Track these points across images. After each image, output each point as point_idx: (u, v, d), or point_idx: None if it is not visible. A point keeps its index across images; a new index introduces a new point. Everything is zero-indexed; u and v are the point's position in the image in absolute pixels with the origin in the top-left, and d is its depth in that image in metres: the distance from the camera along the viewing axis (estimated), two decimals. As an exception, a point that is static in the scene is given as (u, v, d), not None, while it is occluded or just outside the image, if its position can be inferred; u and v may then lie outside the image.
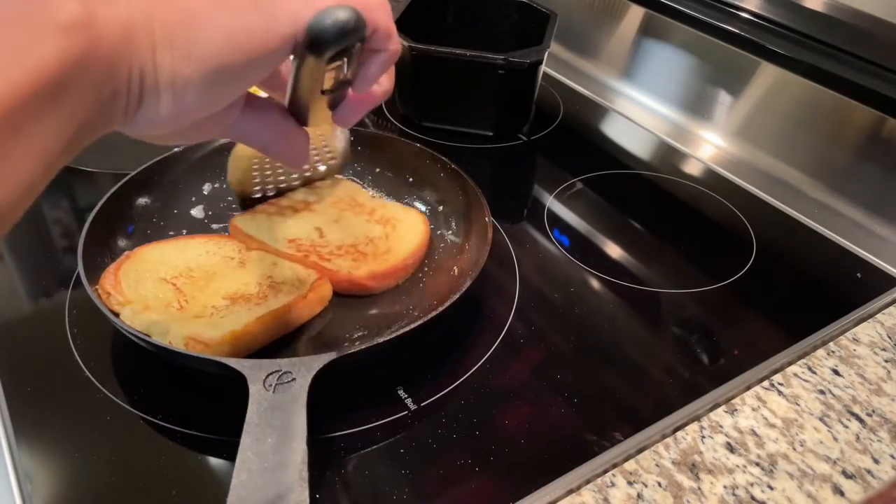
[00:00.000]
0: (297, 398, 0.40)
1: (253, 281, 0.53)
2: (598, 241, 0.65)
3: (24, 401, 0.46)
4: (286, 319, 0.50)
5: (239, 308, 0.50)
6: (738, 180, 0.74)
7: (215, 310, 0.49)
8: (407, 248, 0.57)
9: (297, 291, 0.52)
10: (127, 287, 0.50)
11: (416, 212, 0.62)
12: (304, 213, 0.60)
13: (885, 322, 0.57)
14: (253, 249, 0.56)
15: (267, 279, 0.53)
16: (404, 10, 0.79)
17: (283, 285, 0.53)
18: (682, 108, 0.85)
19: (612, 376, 0.51)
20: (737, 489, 0.43)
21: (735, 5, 0.82)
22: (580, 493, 0.42)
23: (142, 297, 0.50)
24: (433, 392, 0.48)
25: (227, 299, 0.51)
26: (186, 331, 0.46)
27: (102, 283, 0.50)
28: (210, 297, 0.51)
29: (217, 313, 0.49)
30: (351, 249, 0.57)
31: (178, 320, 0.48)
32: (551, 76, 0.92)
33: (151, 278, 0.51)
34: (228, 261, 0.55)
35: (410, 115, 0.80)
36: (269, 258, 0.55)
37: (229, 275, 0.53)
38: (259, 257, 0.55)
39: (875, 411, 0.49)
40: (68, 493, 0.42)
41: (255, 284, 0.52)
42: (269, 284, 0.52)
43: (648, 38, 0.91)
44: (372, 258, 0.56)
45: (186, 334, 0.46)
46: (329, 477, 0.43)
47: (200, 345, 0.46)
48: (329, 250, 0.57)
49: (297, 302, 0.51)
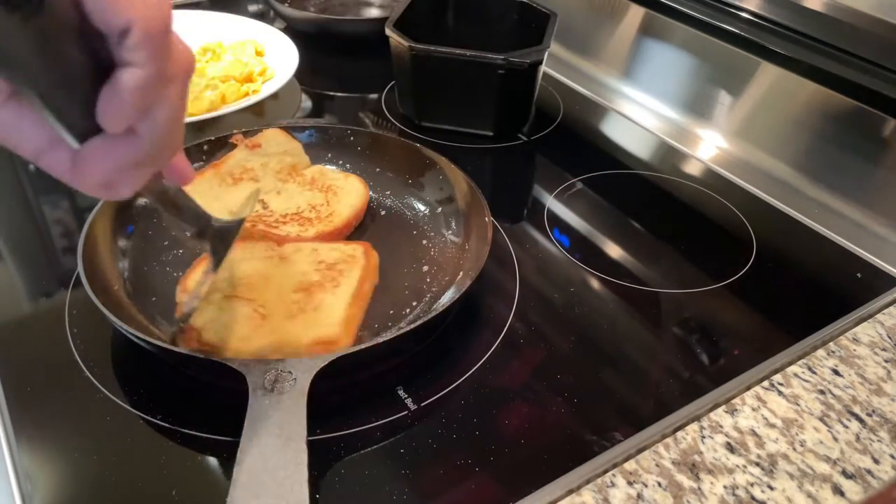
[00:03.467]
0: (297, 398, 0.40)
1: (309, 269, 0.53)
2: (598, 241, 0.65)
3: (24, 401, 0.46)
4: (365, 291, 0.52)
5: (320, 298, 0.50)
6: (738, 180, 0.74)
7: (297, 306, 0.49)
8: (349, 210, 0.60)
9: (357, 265, 0.53)
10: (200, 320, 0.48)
11: (356, 178, 0.64)
12: (246, 183, 0.61)
13: (885, 322, 0.57)
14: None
15: (320, 264, 0.54)
16: (404, 9, 0.79)
17: (338, 265, 0.53)
18: (682, 108, 0.85)
19: (612, 376, 0.51)
20: (737, 489, 0.43)
21: (735, 5, 0.82)
22: (580, 493, 0.42)
23: (216, 320, 0.48)
24: (433, 392, 0.48)
25: (298, 292, 0.51)
26: (306, 338, 0.47)
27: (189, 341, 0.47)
28: (280, 296, 0.50)
29: (304, 310, 0.49)
30: (296, 217, 0.59)
31: (277, 331, 0.47)
32: (551, 76, 0.92)
33: (213, 300, 0.50)
34: (269, 260, 0.54)
35: (410, 115, 0.80)
36: (303, 246, 0.56)
37: (281, 271, 0.53)
38: (295, 248, 0.55)
39: (875, 411, 0.49)
40: (68, 493, 0.42)
41: (314, 272, 0.53)
42: (326, 267, 0.53)
43: (648, 38, 0.91)
44: (317, 221, 0.59)
45: (308, 342, 0.46)
46: (329, 477, 0.43)
47: (323, 345, 0.46)
48: (274, 219, 0.59)
49: (366, 275, 0.53)
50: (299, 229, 0.58)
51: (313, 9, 1.04)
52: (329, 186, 0.62)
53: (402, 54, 0.74)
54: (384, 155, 0.67)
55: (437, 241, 0.60)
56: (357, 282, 0.52)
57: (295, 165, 0.64)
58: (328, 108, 0.86)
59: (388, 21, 0.76)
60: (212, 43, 0.87)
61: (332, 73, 0.93)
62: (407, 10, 0.79)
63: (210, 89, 0.77)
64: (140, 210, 0.59)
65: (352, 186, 0.63)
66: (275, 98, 0.80)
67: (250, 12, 1.05)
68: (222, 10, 0.94)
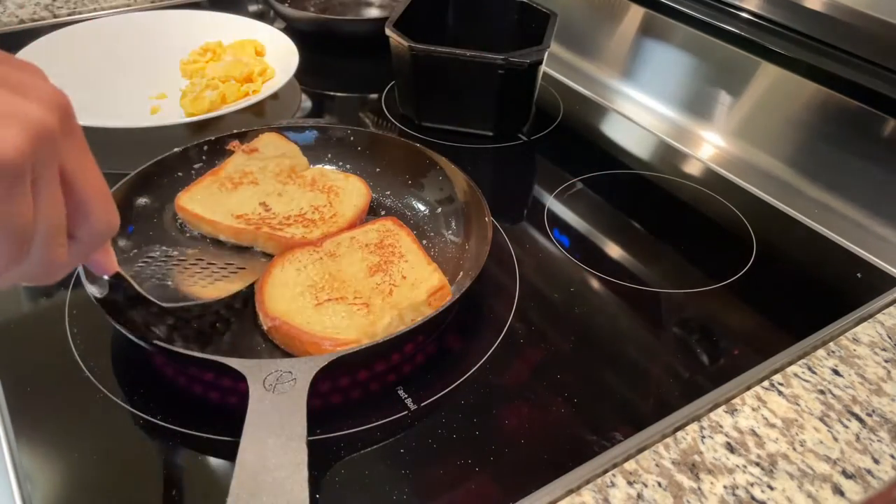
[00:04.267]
0: (297, 398, 0.40)
1: (363, 254, 0.55)
2: (598, 241, 0.65)
3: (24, 401, 0.46)
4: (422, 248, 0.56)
5: (398, 268, 0.53)
6: (738, 180, 0.74)
7: (386, 284, 0.52)
8: (353, 210, 0.60)
9: (399, 232, 0.57)
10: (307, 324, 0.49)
11: (356, 178, 0.64)
12: (246, 187, 0.62)
13: (885, 322, 0.57)
14: (203, 228, 0.59)
15: (367, 247, 0.56)
16: (404, 10, 0.79)
17: (384, 241, 0.56)
18: (682, 108, 0.85)
19: (612, 376, 0.51)
20: (737, 489, 0.43)
21: (735, 5, 0.82)
22: (580, 493, 0.42)
23: (330, 326, 0.49)
24: (433, 392, 0.48)
25: (375, 275, 0.53)
26: (420, 296, 0.51)
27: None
28: (363, 283, 0.53)
29: (395, 284, 0.52)
30: (299, 218, 0.59)
31: (389, 308, 0.50)
32: (551, 76, 0.92)
33: (307, 306, 0.50)
34: (321, 261, 0.55)
35: (410, 115, 0.80)
36: (340, 239, 0.57)
37: (341, 265, 0.54)
38: (333, 243, 0.57)
39: (875, 411, 0.49)
40: (68, 492, 0.42)
41: (370, 255, 0.55)
42: (377, 247, 0.56)
43: (648, 38, 0.91)
44: (321, 222, 0.59)
45: (424, 298, 0.51)
46: (329, 477, 0.43)
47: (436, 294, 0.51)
48: (278, 221, 0.59)
49: (412, 237, 0.57)
50: (304, 230, 0.58)
51: (313, 9, 1.04)
52: (330, 187, 0.62)
53: (402, 54, 0.74)
54: (384, 155, 0.67)
55: (437, 241, 0.60)
56: (414, 244, 0.56)
57: (294, 167, 0.64)
58: (328, 108, 0.86)
59: (388, 21, 0.76)
60: (212, 43, 0.87)
61: (332, 73, 0.93)
62: (407, 10, 0.79)
63: (210, 89, 0.77)
64: (140, 210, 0.59)
65: (353, 186, 0.63)
66: (275, 98, 0.80)
67: (250, 12, 1.05)
68: (222, 10, 0.94)
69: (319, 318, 0.49)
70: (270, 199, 0.61)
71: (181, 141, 0.64)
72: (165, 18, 0.93)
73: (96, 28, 0.89)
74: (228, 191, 0.61)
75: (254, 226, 0.57)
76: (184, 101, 0.77)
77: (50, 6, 1.01)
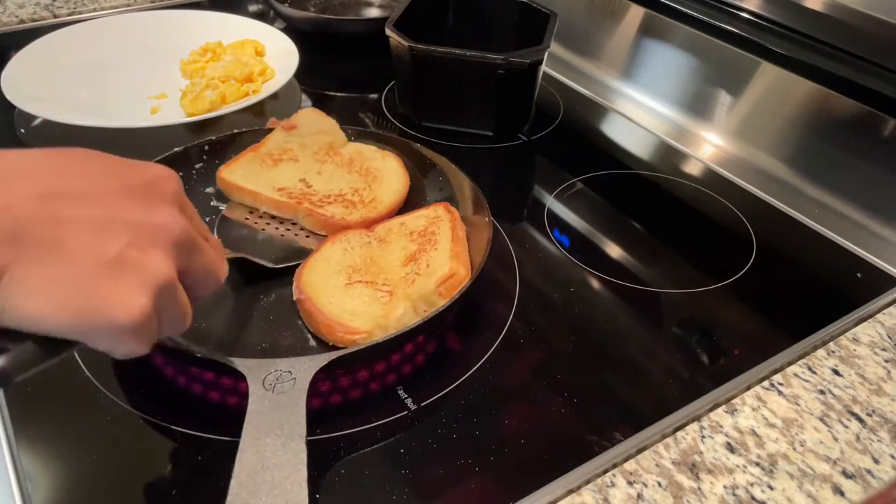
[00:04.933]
0: (297, 398, 0.40)
1: (406, 242, 0.56)
2: (598, 241, 0.65)
3: (24, 401, 0.46)
4: (460, 236, 0.55)
5: (428, 257, 0.53)
6: (738, 180, 0.74)
7: (414, 273, 0.52)
8: (393, 196, 0.61)
9: (444, 221, 0.56)
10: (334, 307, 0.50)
11: (393, 157, 0.64)
12: (286, 163, 0.63)
13: (885, 322, 0.57)
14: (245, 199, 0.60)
15: (412, 235, 0.56)
16: (404, 9, 0.79)
17: (428, 228, 0.56)
18: (682, 108, 0.85)
19: (612, 376, 0.51)
20: (737, 489, 0.43)
21: (735, 5, 0.82)
22: (580, 493, 0.42)
23: (349, 311, 0.50)
24: (433, 392, 0.48)
25: (408, 264, 0.53)
26: (430, 286, 0.50)
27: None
28: (395, 272, 0.53)
29: (419, 273, 0.52)
30: (339, 198, 0.60)
31: (406, 299, 0.50)
32: (551, 76, 0.92)
33: (337, 286, 0.52)
34: (368, 245, 0.56)
35: (410, 115, 0.80)
36: (391, 224, 0.58)
37: (384, 252, 0.55)
38: (385, 228, 0.58)
39: (875, 411, 0.49)
40: (68, 492, 0.42)
41: (411, 244, 0.55)
42: (420, 235, 0.56)
43: (648, 38, 0.91)
44: (361, 205, 0.60)
45: (433, 287, 0.50)
46: (329, 477, 0.43)
47: (446, 283, 0.50)
48: (318, 198, 0.60)
49: (454, 225, 0.56)
50: (344, 211, 0.59)
51: (313, 9, 1.04)
52: (368, 169, 0.63)
53: (402, 54, 0.74)
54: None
55: (437, 241, 0.60)
56: (450, 231, 0.55)
57: (332, 144, 0.65)
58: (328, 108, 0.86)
59: (388, 21, 0.76)
60: (212, 43, 0.87)
61: (332, 73, 0.93)
62: (407, 10, 0.79)
63: (210, 89, 0.77)
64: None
65: (391, 169, 0.63)
66: (275, 98, 0.80)
67: (250, 12, 1.05)
68: (222, 10, 0.94)
69: (341, 300, 0.50)
70: (310, 176, 0.62)
71: (181, 141, 0.64)
72: (165, 18, 0.93)
73: (96, 28, 0.89)
74: (269, 167, 0.62)
75: (295, 200, 0.59)
76: (184, 101, 0.77)
77: (50, 6, 1.01)
